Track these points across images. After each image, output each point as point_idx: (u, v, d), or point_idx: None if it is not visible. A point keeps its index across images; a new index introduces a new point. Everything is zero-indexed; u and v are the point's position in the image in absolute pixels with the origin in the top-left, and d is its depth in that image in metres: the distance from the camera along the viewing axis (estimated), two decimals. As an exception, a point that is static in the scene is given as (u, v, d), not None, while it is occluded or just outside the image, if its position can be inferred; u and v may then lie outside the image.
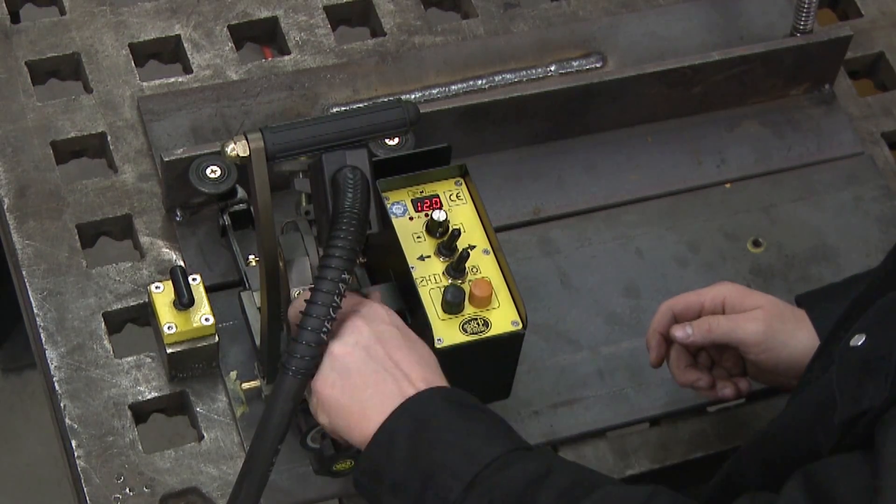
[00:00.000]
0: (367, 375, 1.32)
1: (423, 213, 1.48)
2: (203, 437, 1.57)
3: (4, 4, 1.83)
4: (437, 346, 1.41)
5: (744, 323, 1.51)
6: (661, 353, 1.57)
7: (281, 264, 1.42)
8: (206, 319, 1.54)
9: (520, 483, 1.24)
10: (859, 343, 1.27)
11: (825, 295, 1.56)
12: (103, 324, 1.62)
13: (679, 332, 1.53)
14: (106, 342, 1.61)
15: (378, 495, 1.31)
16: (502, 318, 1.43)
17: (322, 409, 1.33)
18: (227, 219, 1.66)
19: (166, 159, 1.63)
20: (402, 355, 1.33)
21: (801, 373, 1.46)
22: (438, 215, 1.45)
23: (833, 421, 1.21)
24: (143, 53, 1.84)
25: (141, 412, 1.60)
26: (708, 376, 1.55)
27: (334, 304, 1.29)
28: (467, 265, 1.45)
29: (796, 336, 1.50)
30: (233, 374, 1.60)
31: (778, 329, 1.50)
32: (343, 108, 1.78)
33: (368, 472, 1.30)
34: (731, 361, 1.56)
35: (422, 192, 1.49)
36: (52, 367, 1.59)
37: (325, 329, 1.29)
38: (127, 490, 1.53)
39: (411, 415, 1.29)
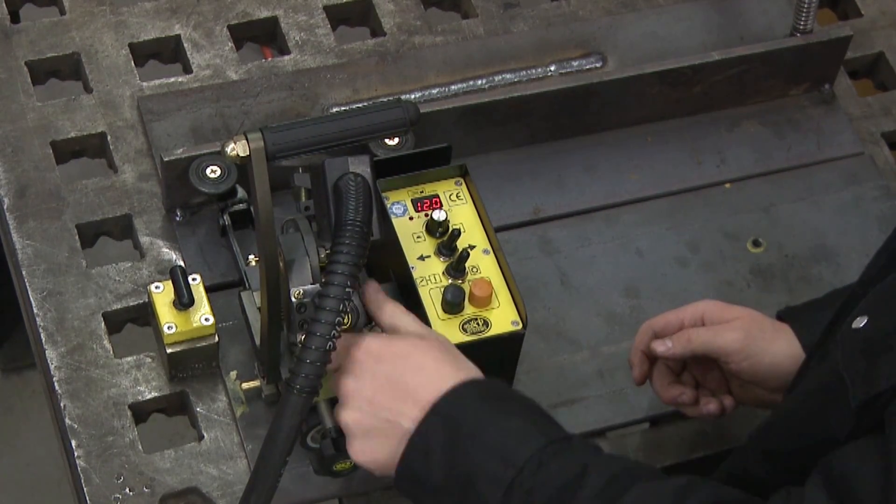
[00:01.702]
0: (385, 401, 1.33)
1: (423, 212, 1.48)
2: (203, 436, 1.57)
3: (4, 4, 1.83)
4: (437, 345, 1.41)
5: (723, 332, 1.50)
6: (644, 370, 1.57)
7: (281, 264, 1.42)
8: (206, 319, 1.54)
9: (556, 485, 1.25)
10: (861, 325, 1.27)
11: (807, 308, 1.56)
12: (103, 324, 1.62)
13: (660, 347, 1.53)
14: (106, 342, 1.61)
15: (420, 498, 1.32)
16: (502, 318, 1.43)
17: (352, 437, 1.35)
18: (227, 219, 1.66)
19: (166, 159, 1.63)
20: (413, 378, 1.33)
21: (784, 383, 1.46)
22: (438, 215, 1.45)
23: (848, 405, 1.21)
24: (143, 53, 1.84)
25: (141, 412, 1.60)
26: (692, 391, 1.54)
27: (338, 322, 1.30)
28: (467, 265, 1.45)
29: (776, 343, 1.50)
30: (233, 374, 1.60)
31: (757, 336, 1.50)
32: (343, 108, 1.78)
33: (408, 477, 1.31)
34: (714, 381, 1.55)
35: (422, 191, 1.49)
36: (52, 366, 1.59)
37: (329, 346, 1.30)
38: (127, 490, 1.53)
39: (444, 417, 1.30)
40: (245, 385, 1.56)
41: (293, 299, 1.41)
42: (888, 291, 1.29)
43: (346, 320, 1.36)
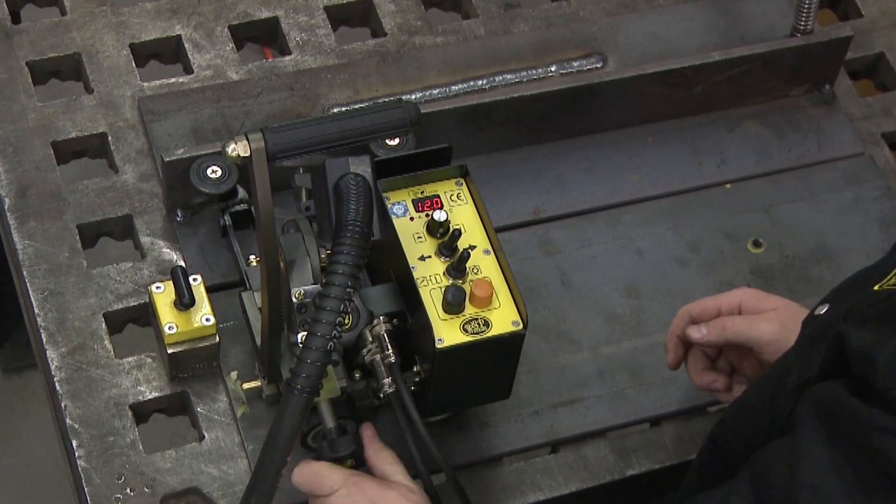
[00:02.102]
0: None
1: (424, 213, 1.48)
2: (204, 437, 1.57)
3: (5, 5, 1.83)
4: (438, 346, 1.41)
5: (758, 322, 1.51)
6: (678, 355, 1.57)
7: (282, 264, 1.42)
8: (207, 319, 1.55)
9: None
10: (822, 311, 1.28)
11: None
12: (104, 324, 1.62)
13: (695, 333, 1.54)
14: (107, 342, 1.61)
15: None
16: (503, 319, 1.43)
17: None
18: (227, 219, 1.66)
19: (167, 159, 1.64)
20: None
21: None
22: (439, 215, 1.45)
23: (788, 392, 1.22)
24: (144, 54, 1.84)
25: (142, 412, 1.60)
26: (725, 378, 1.55)
27: (339, 322, 1.30)
28: (468, 265, 1.45)
29: None
30: (233, 374, 1.60)
31: (791, 328, 1.50)
32: (344, 109, 1.78)
33: None
34: (751, 368, 1.55)
35: (422, 192, 1.49)
36: (52, 367, 1.59)
37: (329, 346, 1.30)
38: (127, 490, 1.53)
39: None
40: (246, 385, 1.56)
41: (294, 300, 1.41)
42: (851, 281, 1.30)
43: (346, 321, 1.37)
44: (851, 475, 1.12)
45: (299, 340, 1.43)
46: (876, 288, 1.25)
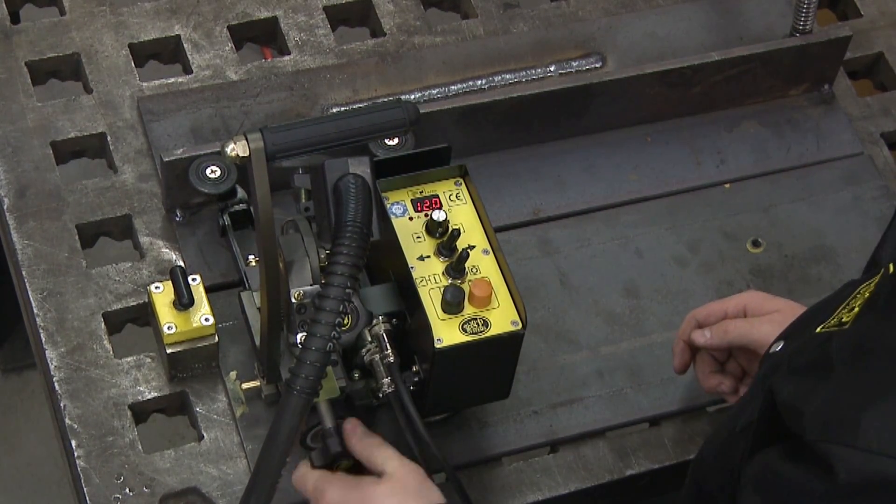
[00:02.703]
0: None
1: (423, 213, 1.48)
2: (203, 437, 1.57)
3: (4, 5, 1.83)
4: (437, 345, 1.41)
5: (759, 324, 1.51)
6: (685, 359, 1.58)
7: (281, 265, 1.42)
8: (206, 319, 1.55)
9: None
10: (777, 349, 1.28)
11: None
12: (103, 324, 1.62)
13: (699, 337, 1.54)
14: (106, 342, 1.61)
15: None
16: (502, 318, 1.43)
17: None
18: (226, 219, 1.66)
19: (166, 159, 1.64)
20: None
21: None
22: (438, 215, 1.46)
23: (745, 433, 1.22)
24: (143, 54, 1.84)
25: (141, 412, 1.60)
26: (731, 381, 1.55)
27: (338, 322, 1.30)
28: (467, 265, 1.45)
29: None
30: (232, 374, 1.60)
31: None
32: (343, 109, 1.78)
33: None
34: None
35: (421, 192, 1.49)
36: (52, 367, 1.59)
37: (329, 347, 1.30)
38: (127, 490, 1.53)
39: None
40: (245, 385, 1.56)
41: (293, 300, 1.41)
42: (806, 316, 1.29)
43: (345, 321, 1.36)
44: None
45: (299, 341, 1.43)
46: (818, 330, 1.24)
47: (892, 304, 1.18)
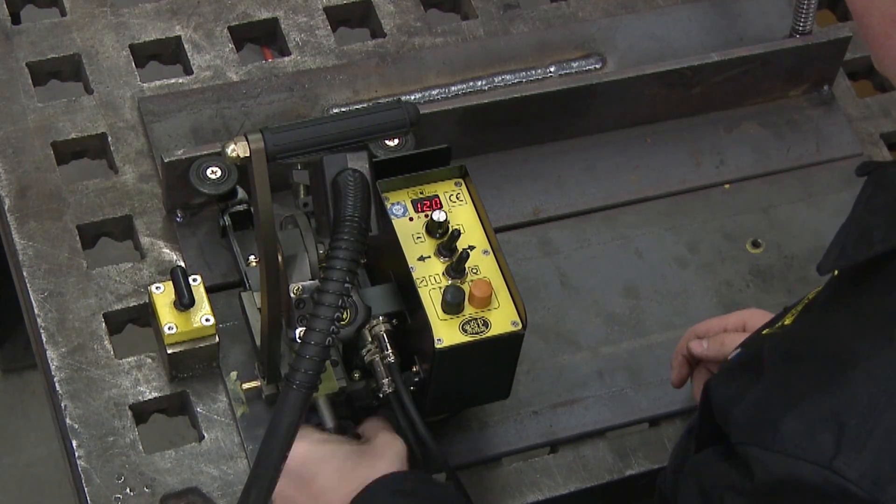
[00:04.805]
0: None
1: (423, 213, 1.48)
2: (203, 437, 1.58)
3: (5, 5, 1.83)
4: (437, 346, 1.41)
5: None
6: (683, 374, 1.58)
7: (280, 260, 1.42)
8: (207, 320, 1.55)
9: None
10: (732, 356, 1.29)
11: None
12: (104, 324, 1.63)
13: (696, 347, 1.55)
14: (107, 342, 1.62)
15: None
16: (502, 319, 1.43)
17: None
18: (227, 219, 1.66)
19: (167, 160, 1.64)
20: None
21: None
22: (438, 216, 1.46)
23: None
24: (144, 54, 1.84)
25: (141, 412, 1.60)
26: None
27: (338, 317, 1.30)
28: (467, 265, 1.45)
29: None
30: (233, 375, 1.60)
31: None
32: (343, 109, 1.78)
33: None
34: None
35: (422, 192, 1.50)
36: (52, 367, 1.59)
37: (328, 342, 1.30)
38: (127, 490, 1.53)
39: None
40: (245, 385, 1.56)
41: (292, 295, 1.41)
42: (768, 322, 1.30)
43: (345, 316, 1.36)
44: None
45: (298, 336, 1.43)
46: (764, 332, 1.25)
47: (826, 309, 1.19)
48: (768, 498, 1.08)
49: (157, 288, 1.55)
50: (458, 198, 1.50)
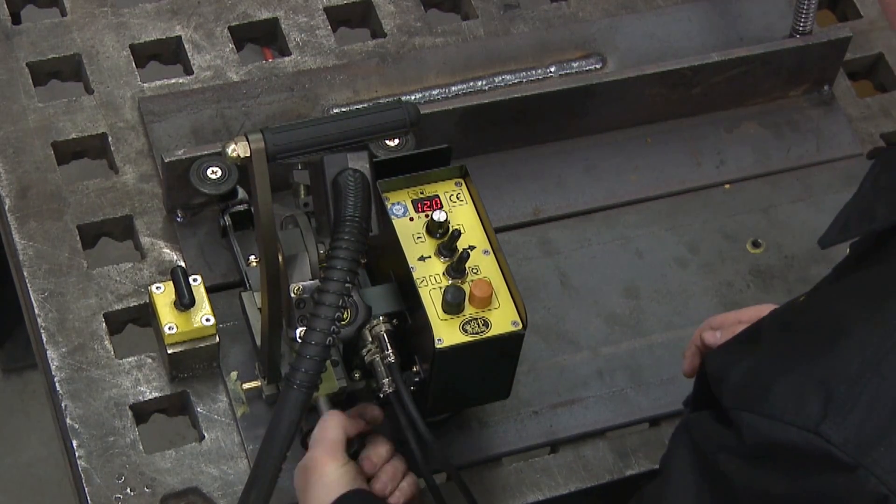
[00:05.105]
0: None
1: (424, 213, 1.48)
2: (204, 437, 1.58)
3: (6, 5, 1.83)
4: (438, 346, 1.41)
5: None
6: (695, 364, 1.58)
7: (280, 260, 1.42)
8: (207, 320, 1.55)
9: None
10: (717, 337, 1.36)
11: None
12: (104, 324, 1.63)
13: (710, 337, 1.55)
14: (107, 342, 1.62)
15: None
16: (502, 319, 1.44)
17: None
18: (227, 219, 1.66)
19: (167, 160, 1.64)
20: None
21: None
22: (439, 216, 1.46)
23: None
24: (144, 54, 1.84)
25: (142, 412, 1.60)
26: None
27: (338, 316, 1.30)
28: (467, 265, 1.45)
29: None
30: (233, 375, 1.60)
31: None
32: (343, 109, 1.78)
33: None
34: None
35: (422, 192, 1.50)
36: (53, 367, 1.59)
37: (328, 341, 1.30)
38: (128, 490, 1.53)
39: None
40: (246, 385, 1.56)
41: (292, 295, 1.41)
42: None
43: (345, 315, 1.36)
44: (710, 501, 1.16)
45: (298, 335, 1.43)
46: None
47: (830, 285, 1.21)
48: (759, 460, 1.11)
49: (157, 288, 1.55)
50: (458, 198, 1.50)
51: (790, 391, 1.10)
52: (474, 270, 1.46)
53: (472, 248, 1.46)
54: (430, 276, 1.45)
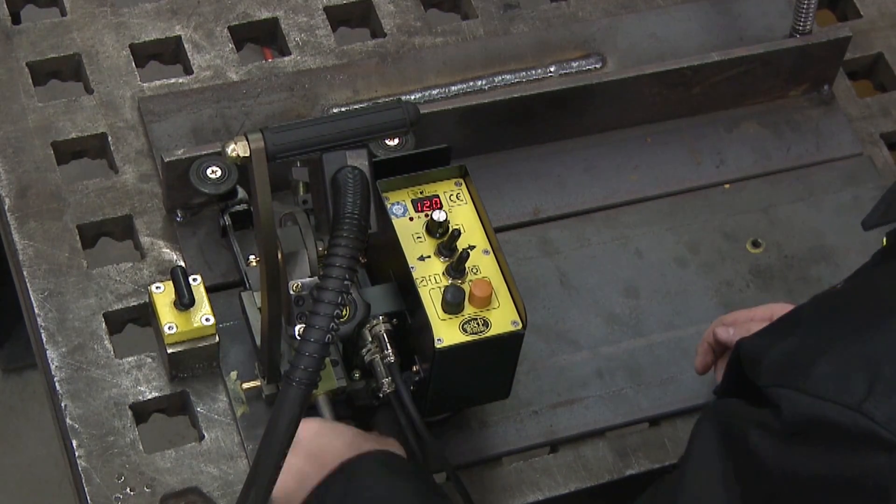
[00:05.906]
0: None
1: (424, 213, 1.48)
2: (203, 436, 1.58)
3: (5, 5, 1.83)
4: (438, 345, 1.41)
5: None
6: (707, 361, 1.59)
7: (279, 258, 1.42)
8: (207, 319, 1.55)
9: None
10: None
11: None
12: (104, 324, 1.63)
13: (722, 333, 1.56)
14: (107, 342, 1.62)
15: None
16: (502, 318, 1.44)
17: None
18: (227, 219, 1.66)
19: (167, 160, 1.64)
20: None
21: None
22: (438, 216, 1.46)
23: None
24: (144, 54, 1.84)
25: (141, 412, 1.60)
26: None
27: (337, 314, 1.30)
28: (467, 265, 1.45)
29: None
30: (233, 374, 1.61)
31: None
32: (343, 109, 1.78)
33: None
34: None
35: (422, 192, 1.50)
36: (52, 367, 1.59)
37: (327, 339, 1.30)
38: (128, 490, 1.53)
39: (347, 474, 1.38)
40: (245, 385, 1.56)
41: (291, 292, 1.41)
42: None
43: (344, 312, 1.36)
44: (736, 488, 1.15)
45: (297, 333, 1.43)
46: None
47: (871, 270, 1.21)
48: (795, 437, 1.11)
49: (157, 288, 1.55)
50: (458, 197, 1.50)
51: (833, 369, 1.09)
52: (474, 270, 1.46)
53: (471, 247, 1.46)
54: (429, 275, 1.45)
